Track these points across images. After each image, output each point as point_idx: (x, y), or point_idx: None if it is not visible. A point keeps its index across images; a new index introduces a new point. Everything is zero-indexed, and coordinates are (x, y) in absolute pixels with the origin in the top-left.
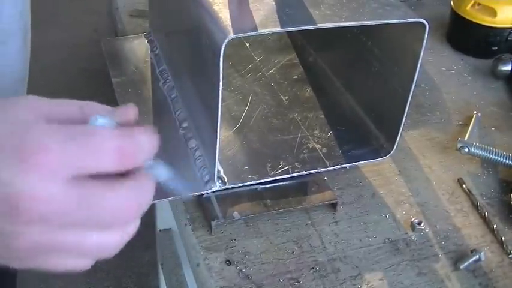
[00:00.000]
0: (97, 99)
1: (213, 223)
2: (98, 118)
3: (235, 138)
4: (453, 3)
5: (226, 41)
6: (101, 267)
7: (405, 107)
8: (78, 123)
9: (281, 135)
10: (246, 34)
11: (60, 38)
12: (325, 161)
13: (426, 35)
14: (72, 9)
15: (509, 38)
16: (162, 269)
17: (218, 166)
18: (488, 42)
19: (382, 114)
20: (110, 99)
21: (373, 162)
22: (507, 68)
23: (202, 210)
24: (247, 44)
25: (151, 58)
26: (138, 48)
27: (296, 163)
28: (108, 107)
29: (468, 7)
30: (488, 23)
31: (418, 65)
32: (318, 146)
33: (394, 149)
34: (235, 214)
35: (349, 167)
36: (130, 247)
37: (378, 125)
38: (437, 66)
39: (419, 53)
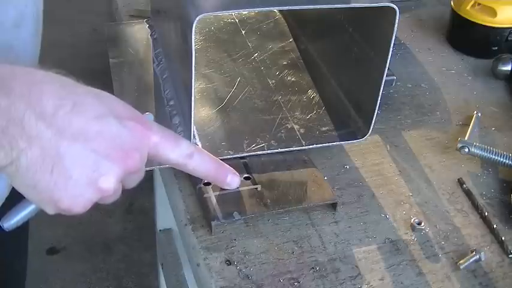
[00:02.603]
0: None
1: (213, 223)
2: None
3: (218, 116)
4: (453, 3)
5: (198, 18)
6: (101, 267)
7: (379, 91)
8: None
9: (262, 115)
10: (217, 13)
11: (59, 37)
12: (302, 140)
13: (397, 20)
14: (71, 9)
15: (509, 38)
16: (162, 269)
17: (197, 141)
18: (488, 42)
19: (361, 98)
20: None
21: (349, 143)
22: (507, 68)
23: (202, 210)
24: (243, 31)
25: (151, 42)
26: (139, 32)
27: (272, 141)
28: None
29: (468, 7)
30: (488, 23)
31: (390, 50)
32: (296, 127)
33: (369, 132)
34: (235, 214)
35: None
36: (130, 247)
37: (356, 109)
38: (437, 66)
39: (391, 37)
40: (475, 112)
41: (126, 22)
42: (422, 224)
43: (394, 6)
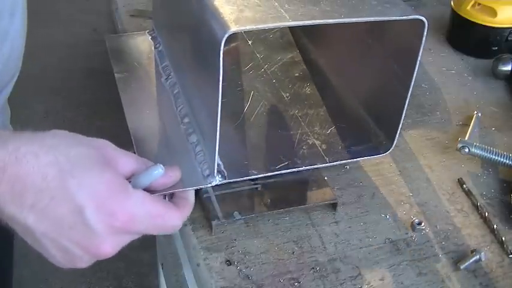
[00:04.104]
0: (97, 99)
1: (214, 223)
2: (139, 179)
3: (236, 133)
4: (453, 3)
5: (226, 35)
6: (101, 267)
7: (404, 104)
8: (135, 171)
9: (281, 131)
10: (246, 28)
11: (59, 37)
12: (325, 157)
13: (425, 32)
14: (71, 9)
15: (509, 38)
16: (162, 269)
17: (218, 160)
18: (488, 42)
19: (382, 112)
20: (110, 98)
21: (372, 158)
22: (507, 68)
23: (203, 210)
24: (250, 42)
25: (154, 55)
26: (141, 44)
27: (296, 158)
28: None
29: (468, 7)
30: (488, 23)
31: (417, 63)
32: (317, 142)
33: (393, 146)
34: (236, 214)
35: (349, 163)
36: (130, 247)
37: (377, 122)
38: (437, 66)
39: (419, 50)
40: (475, 112)
41: (128, 34)
42: (423, 224)
43: (423, 19)
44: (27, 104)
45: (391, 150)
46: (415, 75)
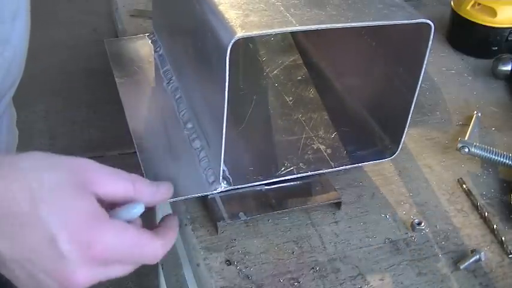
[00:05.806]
0: (97, 99)
1: (219, 224)
2: (118, 214)
3: (240, 138)
4: (453, 3)
5: (233, 41)
6: None
7: (410, 108)
8: (128, 199)
9: (286, 136)
10: (252, 34)
11: (60, 38)
12: (330, 161)
13: (431, 36)
14: (71, 9)
15: (509, 38)
16: (162, 269)
17: (223, 167)
18: (488, 42)
19: (387, 115)
20: (110, 98)
21: (378, 162)
22: (507, 68)
23: (207, 210)
24: (251, 45)
25: (154, 58)
26: (141, 48)
27: (301, 164)
28: (152, 185)
29: (468, 7)
30: (488, 23)
31: (423, 66)
32: (322, 147)
33: (398, 150)
34: (241, 215)
35: (353, 167)
36: None
37: (382, 126)
38: (437, 66)
39: (425, 53)
40: (475, 112)
41: (127, 38)
42: (422, 224)
43: (430, 22)
44: (28, 105)
45: (396, 154)
46: (421, 78)
